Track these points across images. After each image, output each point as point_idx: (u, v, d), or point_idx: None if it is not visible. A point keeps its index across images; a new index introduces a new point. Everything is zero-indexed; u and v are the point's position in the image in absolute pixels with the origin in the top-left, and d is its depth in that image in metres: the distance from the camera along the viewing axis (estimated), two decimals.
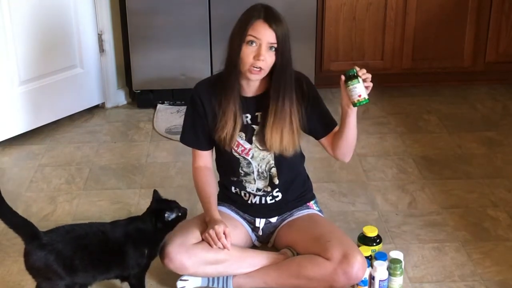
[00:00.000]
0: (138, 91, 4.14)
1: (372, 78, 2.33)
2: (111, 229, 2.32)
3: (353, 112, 2.38)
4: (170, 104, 4.15)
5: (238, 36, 2.34)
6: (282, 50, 2.34)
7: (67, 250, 2.22)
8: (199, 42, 4.00)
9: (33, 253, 2.20)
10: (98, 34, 3.98)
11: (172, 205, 2.41)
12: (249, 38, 2.31)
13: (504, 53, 4.22)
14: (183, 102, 4.14)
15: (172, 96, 4.15)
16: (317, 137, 2.57)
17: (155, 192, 2.45)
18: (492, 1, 4.11)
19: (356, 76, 2.31)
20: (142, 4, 3.94)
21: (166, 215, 2.36)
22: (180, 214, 2.41)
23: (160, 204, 2.41)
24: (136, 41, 4.00)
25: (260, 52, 2.32)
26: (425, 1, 4.09)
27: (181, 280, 2.49)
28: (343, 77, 2.33)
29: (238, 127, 2.45)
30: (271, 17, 2.32)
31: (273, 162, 2.52)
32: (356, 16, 4.10)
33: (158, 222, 2.36)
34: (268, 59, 2.33)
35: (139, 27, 3.98)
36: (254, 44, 2.32)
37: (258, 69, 2.34)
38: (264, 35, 2.31)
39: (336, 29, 4.12)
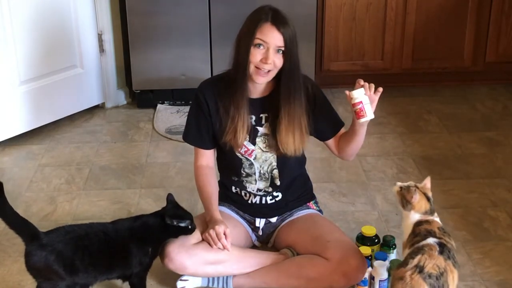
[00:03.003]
0: (138, 91, 4.14)
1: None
2: (112, 229, 2.32)
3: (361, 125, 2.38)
4: (170, 104, 4.15)
5: (246, 38, 2.33)
6: (290, 53, 2.34)
7: (68, 250, 2.22)
8: (199, 42, 4.00)
9: (33, 253, 2.20)
10: (98, 34, 3.98)
11: (186, 216, 2.38)
12: (257, 41, 2.31)
13: (504, 53, 4.22)
14: (183, 102, 4.14)
15: (172, 96, 4.15)
16: (324, 139, 2.58)
17: (170, 195, 2.42)
18: (492, 1, 4.11)
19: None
20: (142, 4, 3.94)
21: (173, 222, 2.33)
22: (190, 227, 2.37)
23: (174, 210, 2.39)
24: (136, 41, 4.00)
25: (268, 56, 2.32)
26: (425, 1, 4.09)
27: (181, 280, 2.49)
28: (348, 94, 2.30)
29: (246, 132, 2.45)
30: (279, 20, 2.31)
31: (276, 164, 2.51)
32: (356, 16, 4.10)
33: (165, 224, 2.35)
34: (276, 62, 2.34)
35: (139, 27, 3.98)
36: (262, 47, 2.32)
37: (266, 72, 2.35)
38: (272, 39, 2.31)
39: (336, 29, 4.11)
